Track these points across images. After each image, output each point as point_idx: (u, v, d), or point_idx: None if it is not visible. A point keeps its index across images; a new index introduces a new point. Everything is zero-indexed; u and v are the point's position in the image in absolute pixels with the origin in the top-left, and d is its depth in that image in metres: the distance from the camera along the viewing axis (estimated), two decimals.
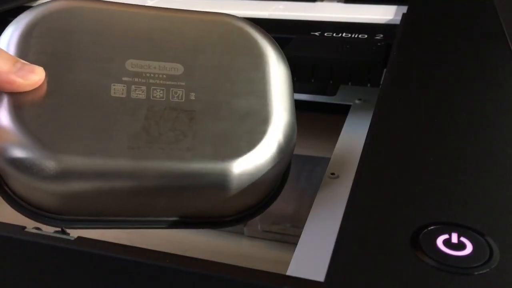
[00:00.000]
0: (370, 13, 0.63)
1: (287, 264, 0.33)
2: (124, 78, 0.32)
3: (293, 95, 0.35)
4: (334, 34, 0.57)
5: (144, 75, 0.32)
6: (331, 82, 0.54)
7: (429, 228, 0.25)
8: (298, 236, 0.36)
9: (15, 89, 0.30)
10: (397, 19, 0.59)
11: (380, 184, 0.29)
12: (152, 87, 0.32)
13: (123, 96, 0.31)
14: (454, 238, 0.25)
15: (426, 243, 0.24)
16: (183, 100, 0.32)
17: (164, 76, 0.32)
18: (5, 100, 0.30)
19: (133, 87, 0.31)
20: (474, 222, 0.26)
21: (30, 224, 0.29)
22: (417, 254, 0.24)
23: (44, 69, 0.30)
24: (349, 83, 0.54)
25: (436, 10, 0.57)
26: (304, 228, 0.37)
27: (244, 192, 0.32)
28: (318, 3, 0.69)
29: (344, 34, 0.57)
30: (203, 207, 0.32)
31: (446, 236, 0.25)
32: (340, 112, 0.57)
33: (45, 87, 0.30)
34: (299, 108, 0.36)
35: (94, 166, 0.29)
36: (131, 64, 0.32)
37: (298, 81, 0.53)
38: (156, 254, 0.26)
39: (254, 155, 0.31)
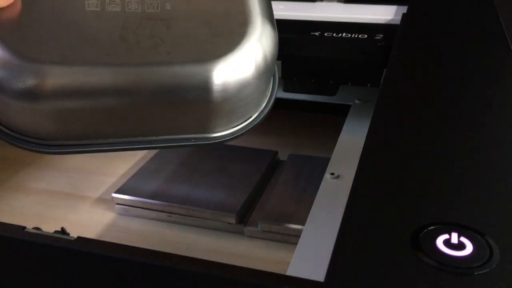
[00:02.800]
0: (370, 13, 0.63)
1: (287, 264, 0.33)
2: None
3: (270, 5, 0.35)
4: (334, 34, 0.57)
5: None
6: (331, 82, 0.54)
7: (429, 228, 0.25)
8: (298, 236, 0.36)
9: None
10: (397, 19, 0.59)
11: (380, 184, 0.29)
12: (127, 0, 0.32)
13: (98, 9, 0.31)
14: (454, 238, 0.25)
15: (426, 243, 0.24)
16: (159, 10, 0.32)
17: None
18: None
19: (107, 0, 0.31)
20: (474, 222, 0.26)
21: (30, 224, 0.29)
22: (417, 254, 0.24)
23: None
24: (349, 83, 0.54)
25: (436, 10, 0.57)
26: (304, 228, 0.37)
27: (231, 96, 0.31)
28: (318, 3, 0.69)
29: (344, 34, 0.57)
30: (190, 117, 0.32)
31: (446, 236, 0.25)
32: (340, 112, 0.57)
33: (19, 3, 0.30)
34: (299, 108, 0.36)
35: (73, 74, 0.29)
36: None
37: (298, 81, 0.53)
38: (156, 254, 0.26)
39: (237, 55, 0.31)
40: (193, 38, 0.31)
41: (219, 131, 0.33)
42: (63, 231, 0.30)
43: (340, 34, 0.57)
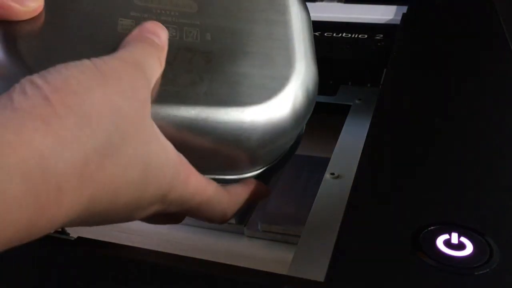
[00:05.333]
0: (370, 13, 0.63)
1: (287, 264, 0.33)
2: (133, 13, 0.29)
3: (313, 42, 0.32)
4: (334, 34, 0.57)
5: (154, 11, 0.29)
6: (331, 82, 0.54)
7: (429, 228, 0.25)
8: (298, 236, 0.36)
9: (11, 16, 0.26)
10: (397, 19, 0.59)
11: (380, 184, 0.29)
12: (164, 25, 0.29)
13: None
14: (454, 238, 0.25)
15: (426, 243, 0.24)
16: (199, 41, 0.29)
17: (177, 13, 0.30)
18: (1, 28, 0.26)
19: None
20: (474, 222, 0.26)
21: None
22: (418, 254, 0.24)
23: None
24: (349, 83, 0.54)
25: (436, 10, 0.57)
26: (304, 228, 0.37)
27: (264, 145, 0.29)
28: (318, 3, 0.69)
29: (344, 34, 0.57)
30: (218, 157, 0.29)
31: (446, 236, 0.25)
32: (340, 112, 0.57)
33: (43, 16, 0.27)
34: None
35: None
36: None
37: None
38: (156, 254, 0.26)
39: (276, 103, 0.29)
40: (233, 78, 0.28)
41: (240, 174, 0.31)
42: (63, 231, 0.30)
43: (340, 34, 0.57)
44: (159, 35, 0.28)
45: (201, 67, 0.28)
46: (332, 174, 0.43)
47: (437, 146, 0.32)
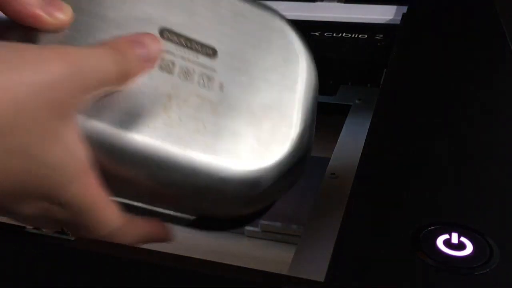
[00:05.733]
0: (370, 13, 0.63)
1: (287, 264, 0.33)
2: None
3: (316, 108, 0.34)
4: (334, 34, 0.57)
5: (176, 48, 0.30)
6: (331, 82, 0.54)
7: (429, 228, 0.25)
8: (298, 236, 0.36)
9: (39, 25, 0.27)
10: (397, 19, 0.59)
11: (380, 184, 0.29)
12: (182, 65, 0.29)
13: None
14: (454, 238, 0.25)
15: (426, 243, 0.24)
16: (212, 90, 0.30)
17: (198, 56, 0.30)
18: (27, 38, 0.27)
19: (162, 58, 0.29)
20: (474, 222, 0.26)
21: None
22: (418, 254, 0.24)
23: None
24: (349, 83, 0.54)
25: (436, 10, 0.57)
26: (304, 228, 0.37)
27: (259, 202, 0.31)
28: (318, 3, 0.69)
29: (344, 34, 0.57)
30: (202, 207, 0.31)
31: (446, 236, 0.25)
32: (340, 112, 0.57)
33: (68, 39, 0.28)
34: None
35: (101, 134, 0.27)
36: (165, 33, 0.30)
37: None
38: (156, 254, 0.26)
39: (273, 165, 0.30)
40: (235, 135, 0.29)
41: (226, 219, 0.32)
42: (63, 231, 0.30)
43: (340, 34, 0.57)
44: (144, 45, 0.28)
45: (207, 116, 0.29)
46: (332, 174, 0.43)
47: (437, 146, 0.32)
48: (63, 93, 0.24)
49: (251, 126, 0.30)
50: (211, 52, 0.31)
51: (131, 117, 0.27)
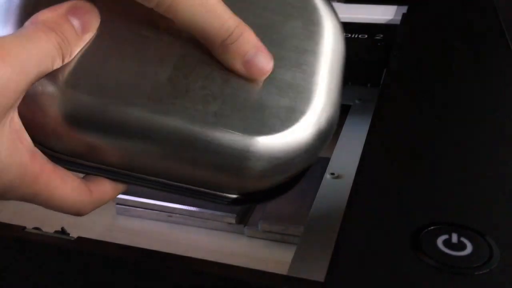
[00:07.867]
0: (370, 13, 0.63)
1: (287, 264, 0.33)
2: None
3: (343, 76, 0.31)
4: None
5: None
6: None
7: (429, 228, 0.25)
8: (298, 236, 0.36)
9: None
10: (397, 19, 0.59)
11: (380, 184, 0.29)
12: (185, 36, 0.27)
13: (153, 35, 0.27)
14: (454, 238, 0.25)
15: (426, 243, 0.24)
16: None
17: None
18: None
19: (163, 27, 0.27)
20: (474, 222, 0.26)
21: (30, 224, 0.29)
22: (418, 254, 0.24)
23: None
24: (349, 83, 0.54)
25: (436, 10, 0.57)
26: (304, 228, 0.37)
27: (265, 174, 0.28)
28: None
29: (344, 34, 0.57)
30: (215, 179, 0.28)
31: (446, 236, 0.25)
32: (340, 112, 0.57)
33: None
34: None
35: (104, 111, 0.26)
36: None
37: None
38: (156, 254, 0.26)
39: (286, 135, 0.27)
40: (246, 103, 0.27)
41: (236, 195, 0.29)
42: (63, 231, 0.30)
43: None
44: (80, 13, 0.26)
45: (217, 85, 0.27)
46: (332, 174, 0.43)
47: (437, 146, 0.32)
48: (7, 97, 0.23)
49: (265, 95, 0.28)
50: None
51: (134, 89, 0.26)
